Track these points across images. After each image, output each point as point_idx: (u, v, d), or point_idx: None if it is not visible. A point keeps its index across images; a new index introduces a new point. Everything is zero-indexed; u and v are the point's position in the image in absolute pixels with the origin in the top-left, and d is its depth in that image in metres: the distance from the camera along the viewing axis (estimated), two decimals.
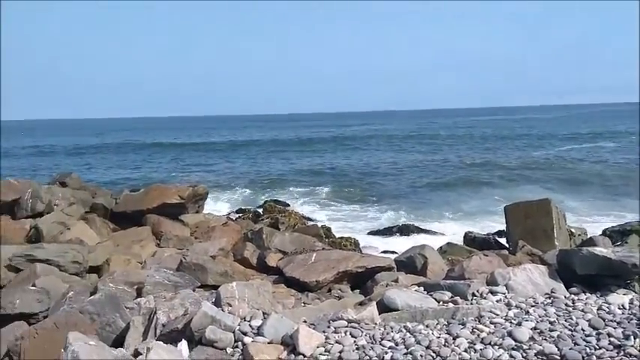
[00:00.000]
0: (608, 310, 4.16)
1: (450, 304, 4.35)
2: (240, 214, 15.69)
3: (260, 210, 16.23)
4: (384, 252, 11.75)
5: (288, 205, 18.43)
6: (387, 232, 14.86)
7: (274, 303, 4.78)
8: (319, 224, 13.48)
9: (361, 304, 4.78)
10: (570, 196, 19.77)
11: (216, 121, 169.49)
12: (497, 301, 4.40)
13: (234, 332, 3.85)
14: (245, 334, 3.84)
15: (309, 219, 16.11)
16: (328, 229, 12.76)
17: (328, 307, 4.65)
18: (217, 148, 48.46)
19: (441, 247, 10.64)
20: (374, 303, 4.29)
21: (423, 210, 18.49)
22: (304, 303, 6.29)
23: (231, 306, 4.22)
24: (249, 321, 4.02)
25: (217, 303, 4.28)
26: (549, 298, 4.49)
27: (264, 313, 4.16)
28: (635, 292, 4.53)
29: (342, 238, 11.89)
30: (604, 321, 3.92)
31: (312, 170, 30.58)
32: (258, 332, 3.84)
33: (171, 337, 3.94)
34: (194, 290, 6.15)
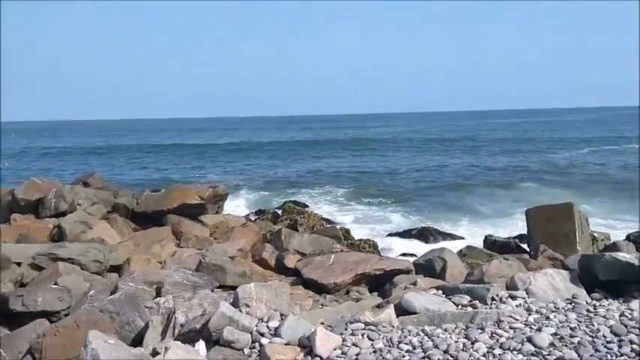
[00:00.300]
0: (630, 316, 4.08)
1: (469, 308, 4.32)
2: (259, 215, 15.75)
3: (279, 211, 16.24)
4: (403, 254, 11.71)
5: (307, 207, 18.43)
6: (406, 234, 14.75)
7: (292, 304, 4.79)
8: (338, 226, 13.47)
9: (379, 306, 4.76)
10: (589, 200, 19.44)
11: (215, 122, 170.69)
12: (517, 306, 4.34)
13: (251, 333, 3.87)
14: (262, 335, 3.85)
15: (328, 220, 16.09)
16: (347, 231, 12.74)
17: (346, 310, 4.65)
18: (234, 149, 48.76)
19: (460, 251, 10.54)
20: (392, 306, 4.27)
21: (442, 212, 18.34)
22: (322, 305, 6.29)
23: (249, 307, 4.24)
24: (266, 322, 4.04)
25: (235, 304, 4.30)
26: (570, 303, 4.43)
27: (281, 315, 4.17)
28: None
29: (360, 240, 11.86)
30: (626, 327, 3.85)
31: (329, 171, 30.53)
32: (276, 333, 3.85)
33: (189, 337, 3.97)
34: (212, 290, 6.19)
